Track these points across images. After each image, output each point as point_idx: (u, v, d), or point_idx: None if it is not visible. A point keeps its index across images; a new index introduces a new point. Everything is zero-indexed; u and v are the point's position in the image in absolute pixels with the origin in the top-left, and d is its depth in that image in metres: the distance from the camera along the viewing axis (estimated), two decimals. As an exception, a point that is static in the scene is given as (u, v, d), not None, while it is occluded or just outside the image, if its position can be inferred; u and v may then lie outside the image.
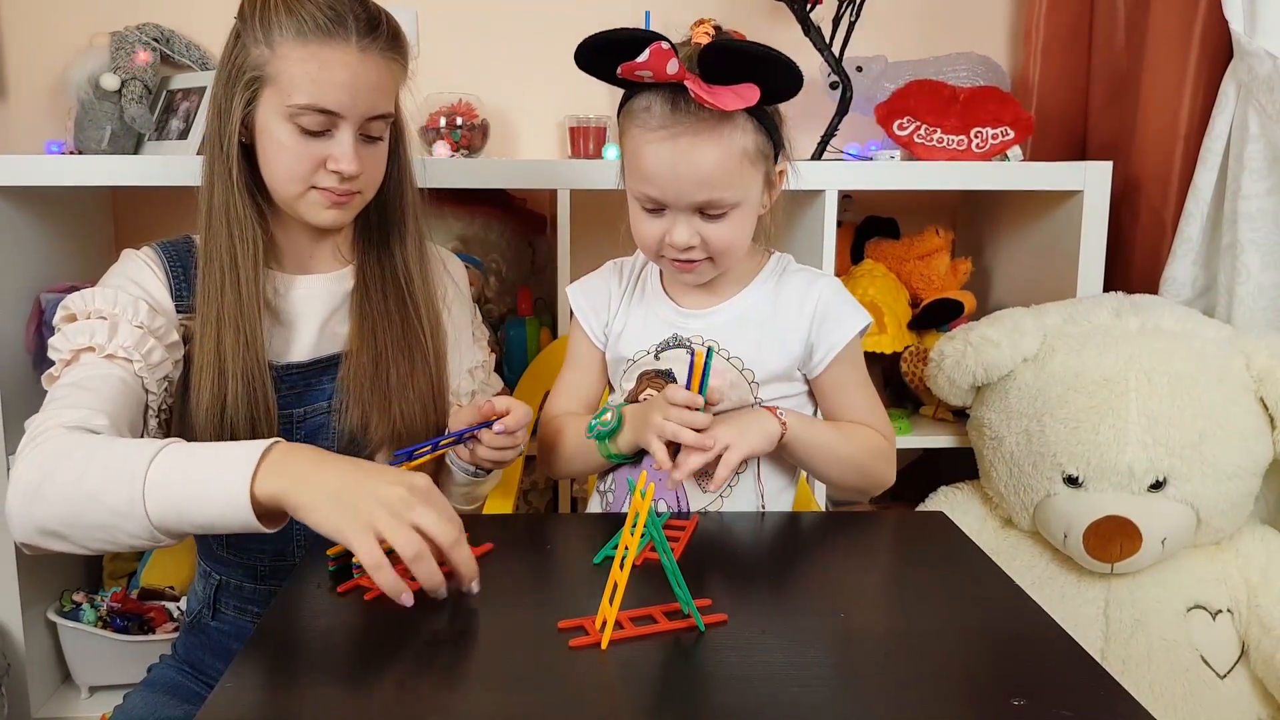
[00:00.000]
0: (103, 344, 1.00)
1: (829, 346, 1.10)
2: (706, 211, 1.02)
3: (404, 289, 1.16)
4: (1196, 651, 1.45)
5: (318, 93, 1.01)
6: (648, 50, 0.93)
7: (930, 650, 0.77)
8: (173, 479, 0.84)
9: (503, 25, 1.96)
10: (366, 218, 1.16)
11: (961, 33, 2.02)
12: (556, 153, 2.00)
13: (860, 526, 1.10)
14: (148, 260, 1.10)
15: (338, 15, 1.01)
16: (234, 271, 1.06)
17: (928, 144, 1.72)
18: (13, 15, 1.87)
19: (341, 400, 1.13)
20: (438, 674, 0.74)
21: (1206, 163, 1.60)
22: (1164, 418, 1.42)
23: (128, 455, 0.86)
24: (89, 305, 1.03)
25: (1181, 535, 1.45)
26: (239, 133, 1.05)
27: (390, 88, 1.08)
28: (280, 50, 1.01)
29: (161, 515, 0.84)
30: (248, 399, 1.06)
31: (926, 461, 1.99)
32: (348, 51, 1.02)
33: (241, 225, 1.06)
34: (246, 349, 1.06)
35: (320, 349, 1.14)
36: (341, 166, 1.04)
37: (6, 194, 1.52)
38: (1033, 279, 1.84)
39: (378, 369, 1.12)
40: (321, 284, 1.15)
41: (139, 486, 0.84)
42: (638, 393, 1.13)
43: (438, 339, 1.18)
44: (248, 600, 1.18)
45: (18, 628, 1.59)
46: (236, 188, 1.06)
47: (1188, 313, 1.55)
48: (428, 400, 1.16)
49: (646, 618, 0.80)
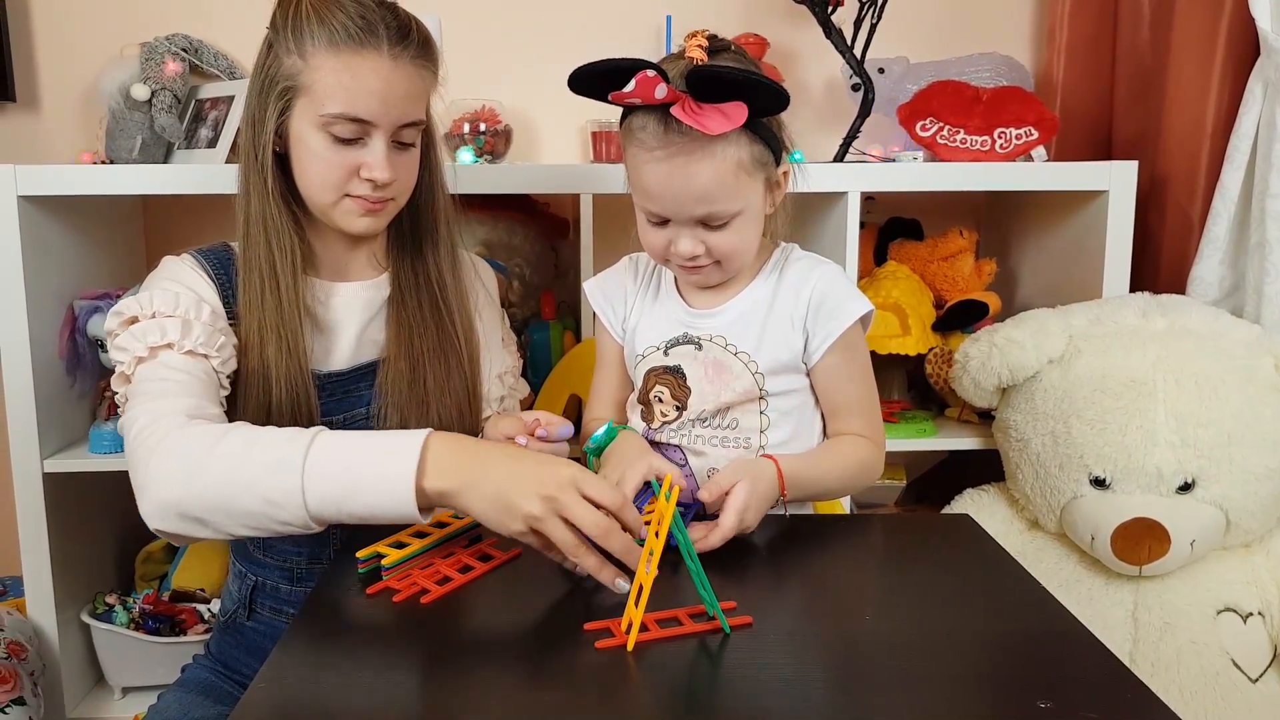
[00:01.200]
0: (180, 341, 1.01)
1: (825, 334, 1.09)
2: (708, 223, 1.03)
3: (437, 295, 1.17)
4: (1227, 655, 1.44)
5: (350, 101, 1.02)
6: (634, 80, 0.94)
7: (957, 653, 0.77)
8: (334, 471, 0.86)
9: (525, 31, 1.97)
10: (400, 224, 1.17)
11: (984, 33, 2.01)
12: (579, 157, 2.01)
13: (886, 529, 1.10)
14: (193, 265, 1.11)
15: (369, 24, 1.02)
16: (274, 279, 1.08)
17: (951, 145, 1.71)
18: (45, 27, 1.90)
19: (380, 406, 1.14)
20: (466, 674, 0.75)
21: (1233, 161, 1.58)
22: (1192, 419, 1.40)
23: (280, 444, 0.88)
24: (151, 307, 1.03)
25: (1211, 537, 1.44)
26: (274, 142, 1.06)
27: (421, 95, 1.09)
28: (313, 60, 1.02)
29: (320, 506, 0.86)
30: (292, 406, 1.08)
31: (952, 464, 1.98)
32: (379, 60, 1.03)
33: (280, 234, 1.08)
34: (289, 356, 1.07)
35: (359, 356, 1.16)
36: (375, 174, 1.05)
37: (40, 203, 1.55)
38: (1058, 280, 1.83)
39: (415, 374, 1.14)
40: (359, 291, 1.16)
41: (297, 478, 0.85)
42: (647, 391, 1.14)
43: (471, 343, 1.19)
44: (283, 601, 1.19)
45: (52, 630, 1.61)
46: (272, 197, 1.07)
47: (1215, 313, 1.53)
48: (464, 403, 1.17)
49: (672, 620, 0.81)
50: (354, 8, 1.03)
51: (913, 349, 1.74)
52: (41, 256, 1.56)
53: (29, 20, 1.89)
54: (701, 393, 1.11)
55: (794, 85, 1.94)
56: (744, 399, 1.11)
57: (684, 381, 1.12)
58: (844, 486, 1.16)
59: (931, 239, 1.91)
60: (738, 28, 1.94)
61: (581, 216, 1.62)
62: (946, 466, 2.00)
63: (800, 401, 1.13)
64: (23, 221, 1.51)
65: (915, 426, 1.74)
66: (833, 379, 1.13)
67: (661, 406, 1.13)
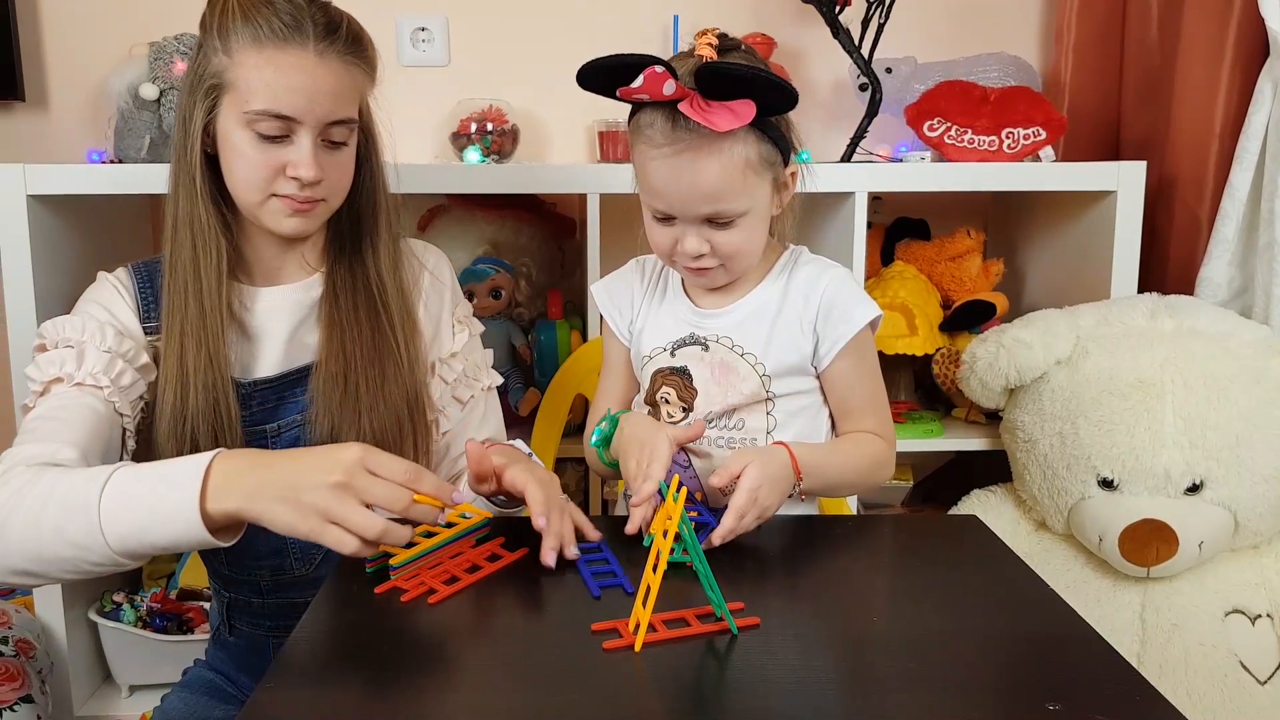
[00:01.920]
0: (71, 373, 1.00)
1: (835, 339, 1.09)
2: (714, 221, 1.03)
3: (376, 298, 1.13)
4: (1235, 657, 1.43)
5: (274, 98, 1.00)
6: (642, 75, 0.94)
7: (964, 654, 0.77)
8: (126, 505, 0.84)
9: (532, 31, 1.97)
10: (338, 225, 1.14)
11: (992, 33, 2.01)
12: (586, 157, 2.01)
13: (893, 530, 1.10)
14: (117, 283, 1.11)
15: (296, 21, 1.01)
16: (197, 283, 1.06)
17: (959, 145, 1.71)
18: (54, 27, 1.91)
19: (312, 413, 1.10)
20: (473, 674, 0.75)
21: (1242, 162, 1.58)
22: (1200, 420, 1.40)
23: (81, 486, 0.86)
24: (59, 333, 1.04)
25: (1219, 539, 1.44)
26: (204, 143, 1.05)
27: (352, 92, 1.06)
28: (238, 57, 1.01)
29: (122, 543, 0.84)
30: (211, 412, 1.05)
31: (959, 464, 1.98)
32: (304, 56, 1.01)
33: (205, 235, 1.06)
34: (210, 362, 1.05)
35: (290, 361, 1.12)
36: (300, 173, 1.02)
37: (49, 202, 1.55)
38: (1066, 280, 1.82)
39: (347, 381, 1.10)
40: (287, 294, 1.13)
41: (94, 517, 0.83)
42: (654, 392, 1.14)
43: (413, 347, 1.15)
44: (258, 615, 1.18)
45: (60, 627, 1.62)
46: (200, 198, 1.05)
47: (1224, 314, 1.53)
48: (402, 412, 1.12)
49: (679, 620, 0.80)
50: (283, 5, 1.01)
51: (920, 349, 1.74)
52: (50, 255, 1.56)
53: (38, 20, 1.90)
54: (708, 394, 1.11)
55: (801, 85, 1.94)
56: (750, 400, 1.10)
57: (690, 382, 1.12)
58: (858, 479, 1.14)
59: (939, 239, 1.90)
60: (746, 27, 1.94)
61: (588, 216, 1.62)
62: (954, 467, 2.00)
63: (807, 403, 1.13)
64: (32, 220, 1.51)
65: (922, 427, 1.74)
66: (844, 382, 1.13)
67: (668, 408, 1.13)
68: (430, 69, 1.98)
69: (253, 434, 1.11)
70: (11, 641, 1.54)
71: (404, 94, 1.95)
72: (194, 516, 0.82)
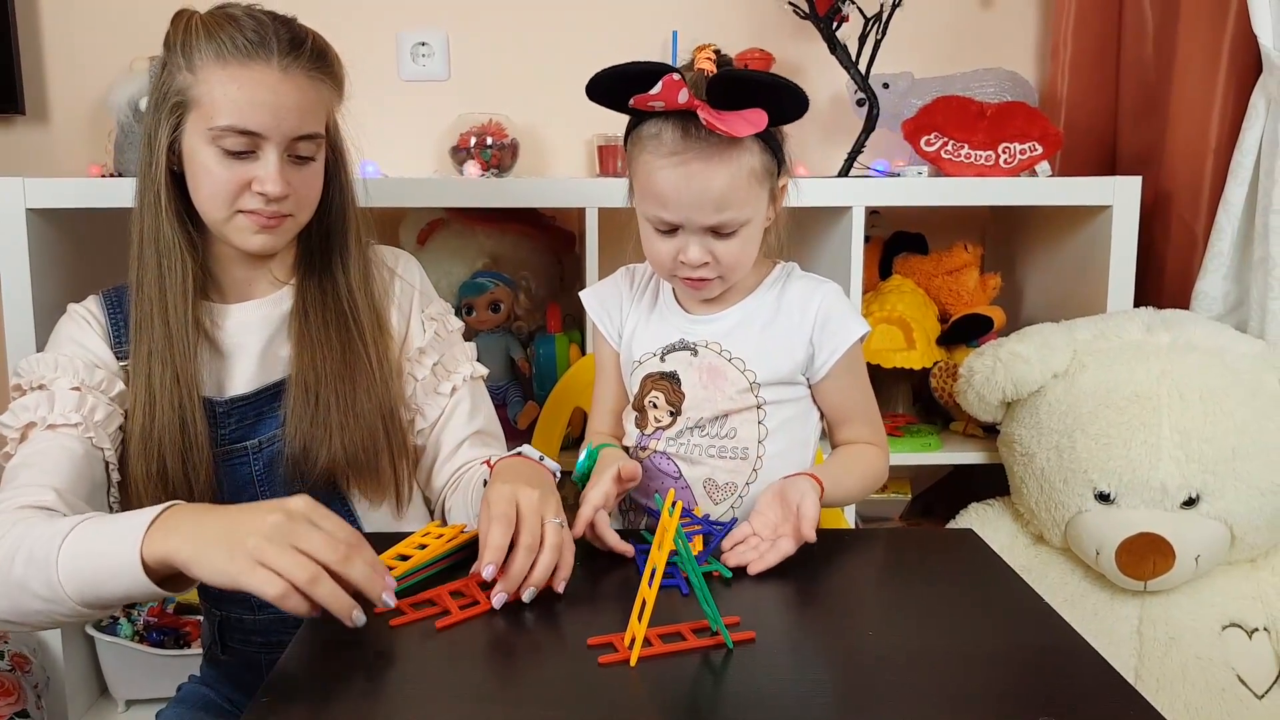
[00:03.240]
0: (45, 416, 1.01)
1: (830, 351, 1.12)
2: (718, 231, 1.04)
3: (347, 314, 1.12)
4: (1233, 670, 1.43)
5: (238, 114, 1.00)
6: (660, 82, 0.95)
7: (960, 669, 0.77)
8: (80, 559, 0.84)
9: (532, 46, 1.98)
10: (308, 241, 1.14)
11: (988, 48, 2.02)
12: (585, 171, 2.02)
13: (889, 544, 1.10)
14: (86, 313, 1.11)
15: (260, 38, 1.01)
16: (162, 303, 1.06)
17: (955, 159, 1.72)
18: (54, 41, 1.92)
19: (285, 430, 1.10)
20: (469, 690, 0.75)
21: (1237, 177, 1.59)
22: (1196, 434, 1.40)
23: (44, 542, 0.85)
24: (32, 374, 1.05)
25: (1216, 552, 1.44)
26: (170, 160, 1.05)
27: (317, 107, 1.06)
28: (201, 74, 1.01)
29: (82, 595, 0.84)
30: (179, 432, 1.05)
31: (956, 477, 1.98)
32: (268, 71, 1.01)
33: (170, 253, 1.05)
34: (176, 382, 1.05)
35: (266, 376, 1.12)
36: (266, 188, 1.02)
37: (48, 216, 1.56)
38: (1062, 294, 1.83)
39: (319, 398, 1.09)
40: (256, 310, 1.13)
41: (54, 573, 0.84)
42: (642, 397, 1.15)
43: (387, 361, 1.14)
44: (250, 632, 1.18)
45: (57, 641, 1.61)
46: (165, 215, 1.05)
47: (1219, 328, 1.53)
48: (376, 427, 1.11)
49: (675, 635, 0.81)
50: (247, 22, 1.02)
51: (917, 363, 1.74)
52: (49, 268, 1.57)
53: (39, 34, 1.91)
54: (696, 398, 1.12)
55: (799, 100, 1.95)
56: (740, 406, 1.11)
57: (679, 386, 1.13)
58: (860, 495, 1.18)
59: (936, 253, 1.91)
60: (744, 43, 1.95)
61: (587, 230, 1.63)
62: (952, 480, 2.00)
63: (796, 412, 1.15)
64: (31, 234, 1.52)
65: (920, 440, 1.74)
66: (840, 392, 1.15)
67: (656, 412, 1.14)
68: (430, 84, 1.98)
69: (233, 451, 1.11)
70: (7, 656, 1.53)
71: (404, 108, 1.96)
72: (136, 568, 0.81)
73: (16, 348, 1.52)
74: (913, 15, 1.80)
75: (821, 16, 1.73)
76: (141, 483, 1.05)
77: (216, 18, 1.02)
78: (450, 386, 1.19)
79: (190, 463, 1.06)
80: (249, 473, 1.11)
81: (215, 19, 1.02)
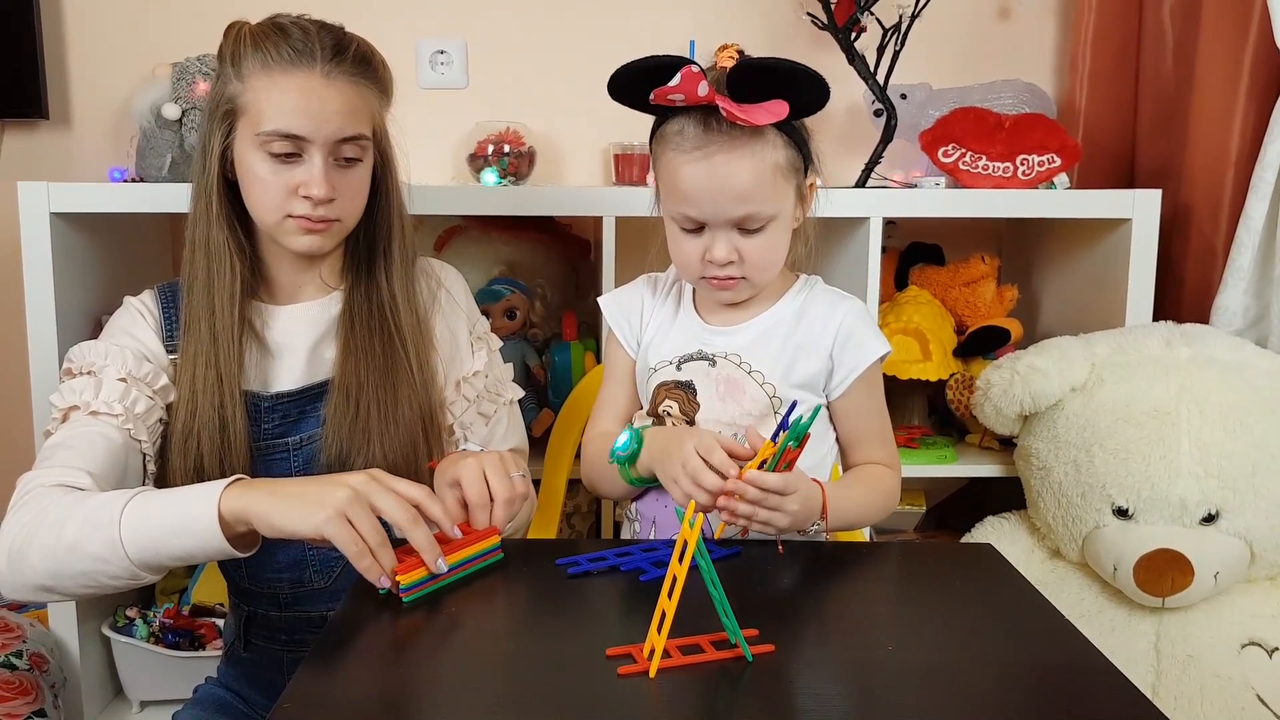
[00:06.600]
0: (89, 401, 1.04)
1: (850, 368, 1.12)
2: (744, 226, 1.05)
3: (390, 321, 1.15)
4: (1252, 690, 1.42)
5: (282, 118, 1.04)
6: (679, 75, 0.96)
7: (977, 684, 0.77)
8: (151, 516, 0.90)
9: (550, 54, 1.99)
10: (355, 244, 1.17)
11: (1007, 60, 2.02)
12: (602, 179, 2.02)
13: (907, 557, 1.10)
14: (142, 306, 1.14)
15: (305, 46, 1.05)
16: (209, 305, 1.09)
17: (973, 171, 1.72)
18: (78, 47, 1.94)
19: (324, 435, 1.12)
20: (487, 699, 0.75)
21: (1258, 190, 1.58)
22: (1216, 449, 1.39)
23: (103, 505, 0.91)
24: (83, 359, 1.08)
25: (1235, 569, 1.43)
26: (224, 167, 1.09)
27: (361, 111, 1.09)
28: (249, 82, 1.05)
29: (141, 553, 0.89)
30: (217, 429, 1.08)
31: (973, 490, 1.98)
32: (311, 77, 1.05)
33: (219, 258, 1.09)
34: (219, 382, 1.08)
35: (313, 375, 1.15)
36: (312, 191, 1.05)
37: (71, 220, 1.57)
38: (1081, 307, 1.82)
39: (359, 406, 1.12)
40: (306, 311, 1.16)
41: (116, 531, 0.89)
42: (656, 405, 1.15)
43: (428, 367, 1.17)
44: (275, 629, 1.19)
45: (74, 642, 1.62)
46: (215, 220, 1.09)
47: (1239, 343, 1.53)
48: (416, 433, 1.14)
49: (694, 647, 0.80)
50: (293, 30, 1.06)
51: (934, 374, 1.74)
52: (72, 272, 1.58)
53: (62, 39, 1.93)
54: (711, 409, 1.12)
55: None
56: (757, 420, 1.11)
57: (694, 397, 1.13)
58: (874, 517, 1.17)
59: (953, 264, 1.91)
60: (761, 52, 1.93)
61: (603, 238, 1.63)
62: (967, 493, 2.00)
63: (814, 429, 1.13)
64: (54, 237, 1.53)
65: (936, 452, 1.74)
66: (856, 411, 1.15)
67: (670, 420, 1.14)
68: (449, 91, 1.99)
69: (274, 447, 1.13)
70: (25, 655, 1.54)
71: (422, 116, 1.97)
72: (212, 522, 0.87)
73: (40, 350, 1.53)
74: (931, 26, 1.80)
75: (840, 27, 1.73)
76: (179, 476, 1.08)
77: (265, 28, 1.07)
78: (494, 409, 1.23)
79: (228, 461, 1.09)
80: (286, 470, 1.13)
81: (263, 29, 1.07)
